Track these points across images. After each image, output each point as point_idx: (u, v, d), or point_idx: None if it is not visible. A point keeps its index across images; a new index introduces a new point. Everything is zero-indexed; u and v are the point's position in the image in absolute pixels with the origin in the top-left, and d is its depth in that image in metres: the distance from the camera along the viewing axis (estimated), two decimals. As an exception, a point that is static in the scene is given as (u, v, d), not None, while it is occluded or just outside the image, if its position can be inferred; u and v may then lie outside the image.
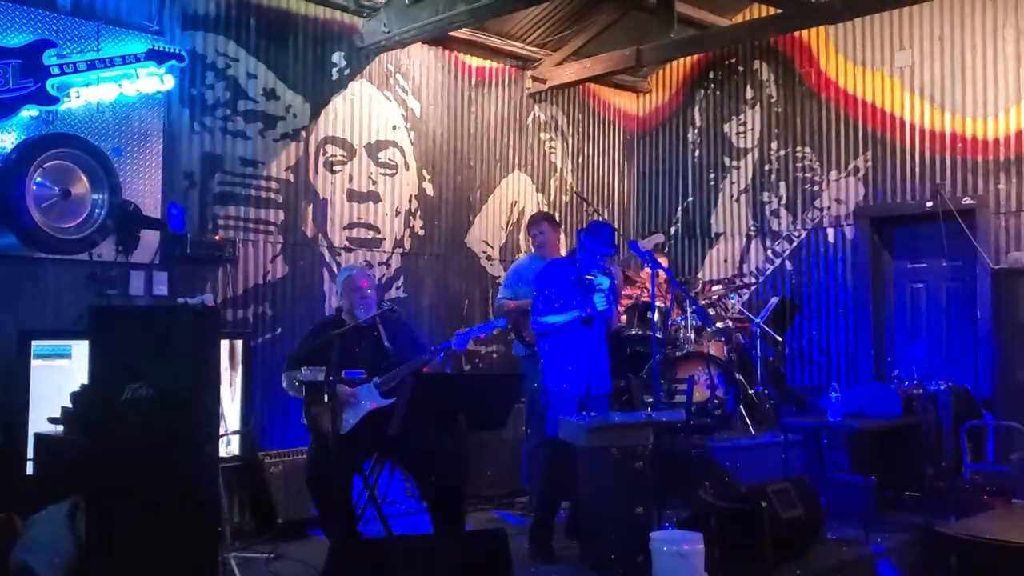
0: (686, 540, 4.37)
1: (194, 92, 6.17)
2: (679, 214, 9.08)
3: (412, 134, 7.46)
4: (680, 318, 7.01)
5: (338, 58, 6.98)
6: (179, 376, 4.08)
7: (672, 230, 9.10)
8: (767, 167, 8.49)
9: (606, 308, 5.36)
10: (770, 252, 8.45)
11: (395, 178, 7.34)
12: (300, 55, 6.76)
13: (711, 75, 8.92)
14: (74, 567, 4.23)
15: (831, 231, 8.10)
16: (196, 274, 6.10)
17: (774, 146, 8.46)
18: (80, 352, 4.98)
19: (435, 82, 7.66)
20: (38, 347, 5.15)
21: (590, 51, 8.20)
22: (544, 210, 8.15)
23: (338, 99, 6.99)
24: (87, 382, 4.50)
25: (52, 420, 4.72)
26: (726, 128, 8.80)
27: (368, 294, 5.26)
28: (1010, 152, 7.21)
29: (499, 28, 7.86)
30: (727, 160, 8.77)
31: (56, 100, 5.35)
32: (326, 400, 4.73)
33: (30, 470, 4.95)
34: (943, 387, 6.55)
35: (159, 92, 5.82)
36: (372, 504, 5.01)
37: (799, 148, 8.29)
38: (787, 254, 8.35)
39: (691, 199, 9.01)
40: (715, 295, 7.67)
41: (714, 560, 4.40)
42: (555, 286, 5.44)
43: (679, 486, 5.76)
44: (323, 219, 6.86)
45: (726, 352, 7.09)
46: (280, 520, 5.80)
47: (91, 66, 5.47)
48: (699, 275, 8.68)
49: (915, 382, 6.52)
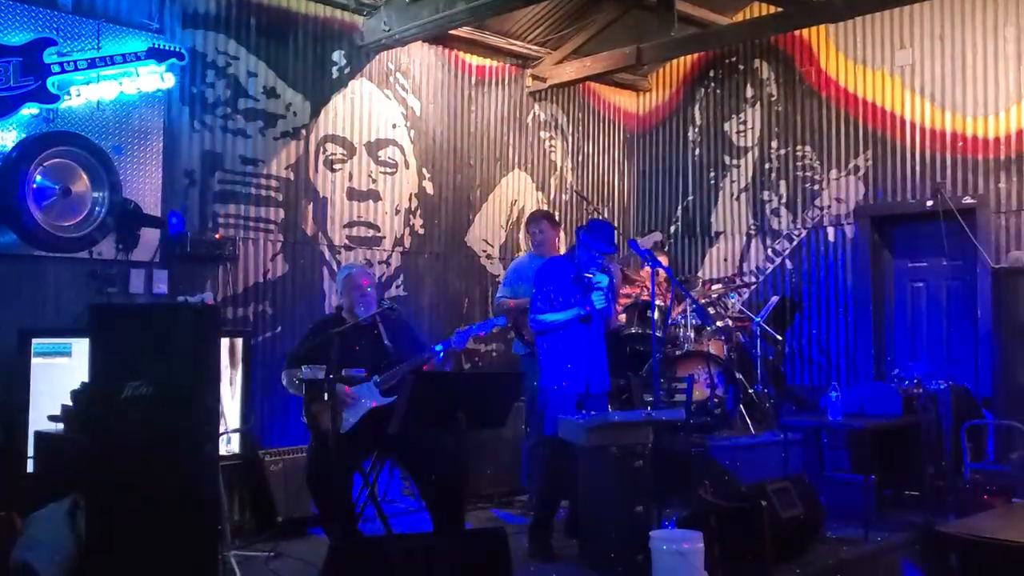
0: (686, 539, 4.37)
1: (194, 90, 6.17)
2: (679, 213, 9.07)
3: (412, 133, 7.46)
4: (680, 317, 7.01)
5: (338, 56, 6.98)
6: (179, 374, 4.08)
7: (672, 229, 9.09)
8: (767, 166, 8.49)
9: (605, 306, 5.36)
10: (770, 251, 8.45)
11: (395, 177, 7.34)
12: (300, 53, 6.76)
13: (711, 74, 8.92)
14: (74, 565, 4.23)
15: (831, 230, 8.09)
16: (196, 272, 6.11)
17: (774, 145, 8.45)
18: (80, 350, 4.98)
19: (435, 81, 7.66)
20: (38, 345, 5.15)
21: (590, 49, 8.20)
22: (544, 208, 8.15)
23: (338, 97, 6.99)
24: (87, 380, 4.49)
25: (52, 418, 4.72)
26: (726, 127, 8.79)
27: (368, 292, 5.26)
28: (1010, 151, 7.20)
29: (499, 26, 7.86)
30: (727, 159, 8.77)
31: (56, 98, 5.36)
32: (326, 398, 4.73)
33: (30, 468, 4.96)
34: (943, 386, 6.54)
35: (159, 90, 5.83)
36: (372, 502, 5.02)
37: (799, 147, 8.29)
38: (787, 253, 8.34)
39: (691, 198, 9.00)
40: (715, 294, 7.67)
41: (714, 559, 4.40)
42: (554, 284, 5.43)
43: (679, 485, 5.76)
44: (323, 217, 6.86)
45: (726, 351, 7.09)
46: (280, 518, 5.80)
47: (91, 64, 5.47)
48: (699, 274, 8.67)
49: (915, 381, 6.52)
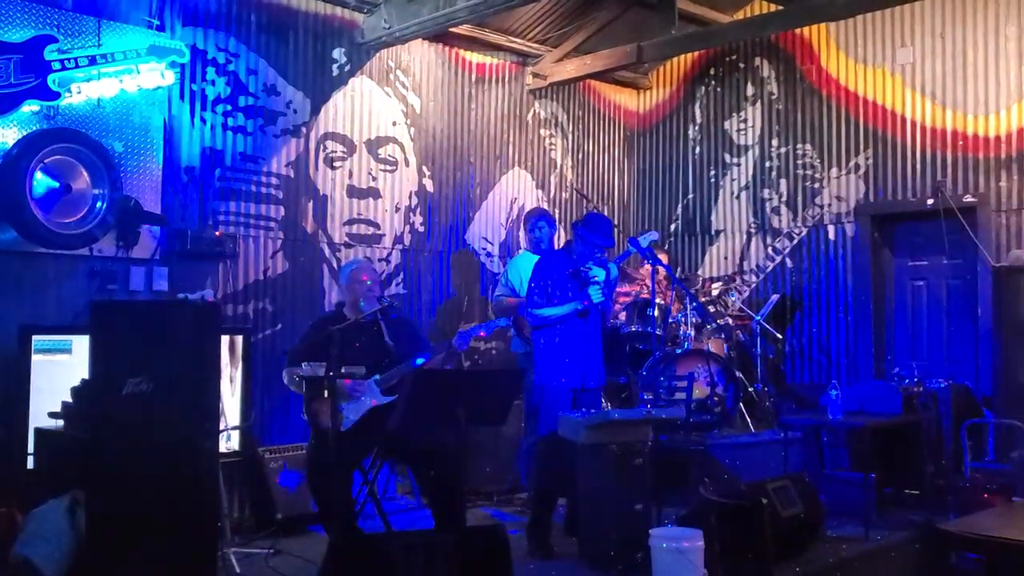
0: (686, 537, 4.36)
1: (195, 88, 6.17)
2: (679, 211, 9.07)
3: (412, 130, 7.45)
4: (680, 315, 7.01)
5: (339, 54, 6.98)
6: (180, 371, 4.08)
7: (672, 227, 9.09)
8: (768, 164, 8.48)
9: (602, 300, 5.35)
10: (770, 249, 8.44)
11: (395, 174, 7.34)
12: (301, 51, 6.75)
13: (712, 72, 8.91)
14: (74, 561, 4.23)
15: (832, 228, 8.09)
16: (196, 269, 6.11)
17: (775, 143, 8.45)
18: (81, 347, 4.98)
19: (435, 78, 7.65)
20: (39, 342, 5.15)
21: (591, 47, 8.19)
22: (543, 206, 8.15)
23: (338, 95, 6.98)
24: (88, 377, 4.49)
25: (52, 415, 4.72)
26: (727, 125, 8.79)
27: (371, 288, 5.26)
28: (1011, 150, 7.19)
29: (500, 24, 7.85)
30: (728, 157, 8.76)
31: (57, 95, 5.35)
32: (326, 395, 4.73)
33: (31, 464, 4.97)
34: (943, 385, 6.54)
35: (160, 87, 5.83)
36: (372, 500, 5.02)
37: (800, 145, 8.28)
38: (787, 251, 8.34)
39: (691, 196, 9.00)
40: (715, 292, 7.67)
41: (714, 557, 4.39)
42: (551, 278, 5.41)
43: (679, 483, 5.77)
44: (323, 215, 6.86)
45: (726, 349, 7.10)
46: (280, 515, 5.80)
47: (92, 61, 5.47)
48: (699, 272, 8.67)
49: (915, 380, 6.50)
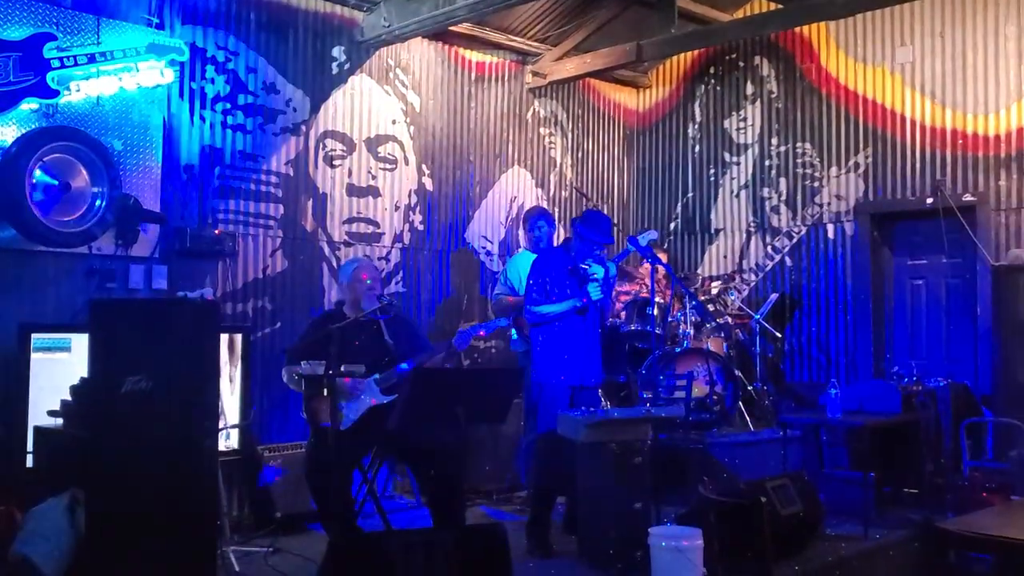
0: (685, 536, 4.36)
1: (194, 86, 6.17)
2: (679, 210, 9.07)
3: (412, 129, 7.45)
4: (679, 314, 7.01)
5: (338, 52, 6.98)
6: (179, 370, 4.07)
7: (672, 226, 9.09)
8: (767, 163, 8.48)
9: (601, 298, 5.35)
10: (770, 248, 8.44)
11: (395, 173, 7.34)
12: (300, 49, 6.75)
13: (711, 70, 8.91)
14: (73, 560, 4.23)
15: (831, 227, 8.09)
16: (196, 268, 6.10)
17: (774, 142, 8.44)
18: (80, 345, 4.98)
19: (435, 77, 7.65)
20: (38, 340, 5.15)
21: (590, 46, 8.19)
22: (542, 205, 8.15)
23: (338, 93, 6.98)
24: (87, 375, 4.49)
25: (52, 413, 4.72)
26: (726, 124, 8.78)
27: (371, 286, 5.26)
28: (1011, 149, 7.19)
29: (499, 23, 7.85)
30: (727, 156, 8.76)
31: (56, 93, 5.35)
32: (325, 394, 4.73)
33: (30, 463, 4.97)
34: (942, 384, 6.54)
35: (159, 86, 5.83)
36: (371, 498, 5.02)
37: (799, 144, 8.28)
38: (787, 250, 8.34)
39: (691, 195, 9.00)
40: (715, 291, 7.67)
41: (713, 556, 4.39)
42: (549, 275, 5.40)
43: (678, 482, 5.77)
44: (323, 213, 6.86)
45: (725, 348, 7.10)
46: (279, 514, 5.80)
47: (91, 59, 5.47)
48: (699, 271, 8.68)
49: (914, 379, 6.51)
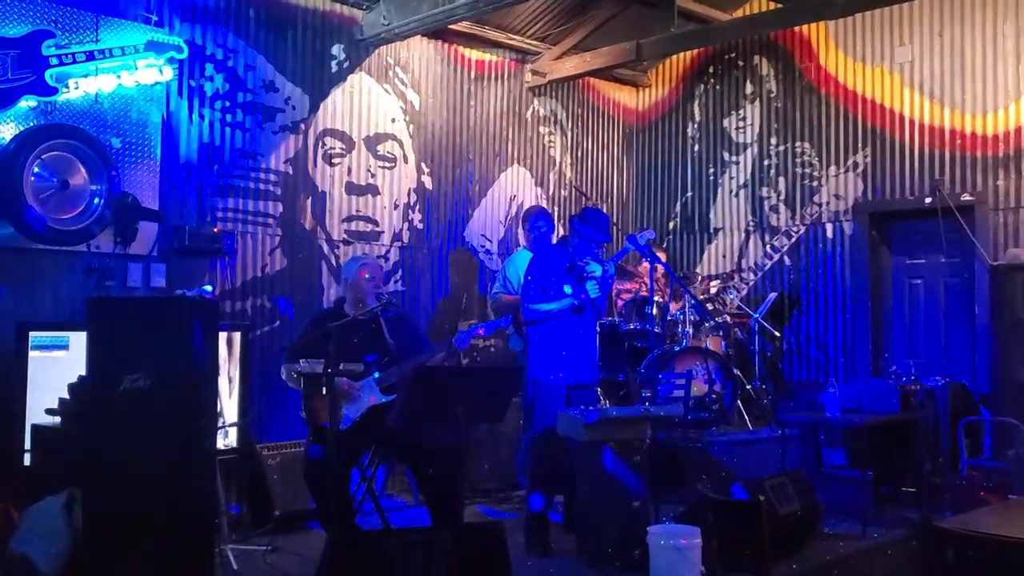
0: (683, 534, 4.36)
1: (193, 84, 6.16)
2: (678, 209, 9.07)
3: (411, 127, 7.45)
4: (678, 313, 7.01)
5: (337, 50, 6.97)
6: (177, 368, 4.07)
7: (671, 225, 9.09)
8: (766, 162, 8.48)
9: (599, 296, 5.34)
10: (769, 247, 8.44)
11: (394, 171, 7.33)
12: (299, 47, 6.75)
13: (711, 70, 8.91)
14: (71, 558, 4.23)
15: (830, 227, 8.09)
16: (194, 266, 6.10)
17: (773, 141, 8.45)
18: (78, 343, 4.98)
19: (434, 75, 7.64)
20: (36, 338, 5.15)
21: (590, 45, 8.19)
22: (541, 204, 8.15)
23: (337, 92, 6.98)
24: (85, 373, 4.49)
25: (50, 411, 4.71)
26: (725, 123, 8.79)
27: (376, 284, 5.25)
28: (1009, 148, 7.20)
29: (499, 21, 7.85)
30: (726, 155, 8.76)
31: (54, 91, 5.35)
32: (324, 392, 4.72)
33: (27, 461, 4.96)
34: (941, 383, 6.54)
35: (158, 83, 5.83)
36: (370, 497, 5.01)
37: (798, 143, 8.29)
38: (786, 249, 8.34)
39: (690, 194, 9.00)
40: (713, 290, 7.66)
41: (711, 554, 4.39)
42: (547, 273, 5.39)
43: (677, 481, 5.77)
44: (322, 212, 6.86)
45: (724, 347, 7.10)
46: (277, 512, 5.80)
47: (90, 57, 5.46)
48: (697, 270, 8.67)
49: (913, 378, 6.50)
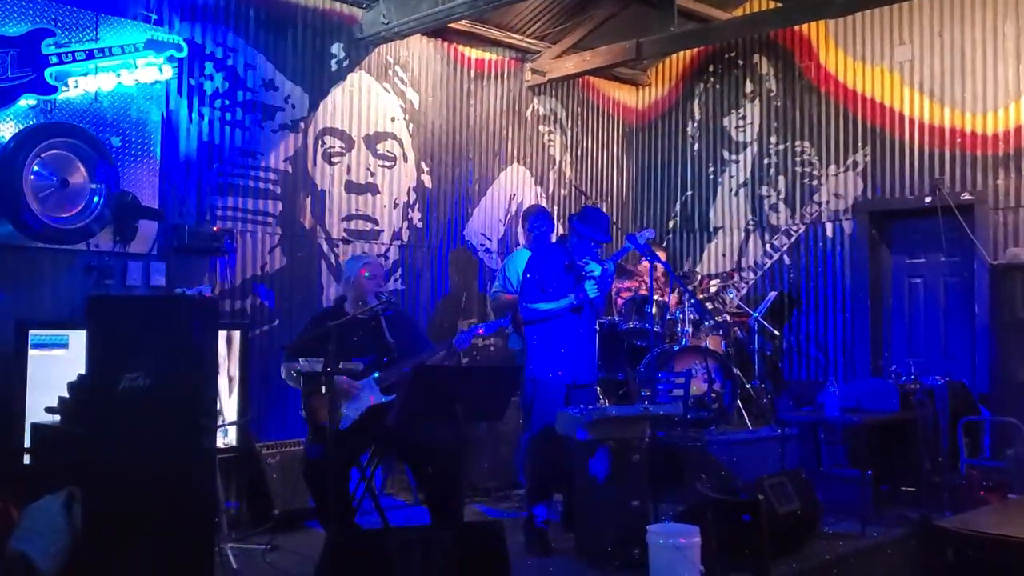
0: (683, 533, 4.37)
1: (192, 82, 6.16)
2: (678, 208, 9.07)
3: (411, 126, 7.45)
4: (678, 312, 7.01)
5: (337, 49, 6.97)
6: (177, 367, 4.07)
7: (671, 224, 9.09)
8: (766, 161, 8.48)
9: (598, 295, 5.34)
10: (768, 246, 8.44)
11: (393, 170, 7.33)
12: (299, 46, 6.74)
13: (711, 69, 8.91)
14: (70, 556, 4.23)
15: (830, 226, 8.09)
16: (194, 265, 6.10)
17: (773, 140, 8.44)
18: (77, 342, 4.98)
19: (434, 74, 7.64)
20: (35, 337, 5.14)
21: (590, 44, 8.18)
22: (541, 203, 8.15)
23: (337, 90, 6.98)
24: (84, 372, 4.49)
25: (49, 410, 4.71)
26: (725, 122, 8.78)
27: (378, 283, 5.25)
28: (1009, 147, 7.20)
29: (499, 20, 7.85)
30: (726, 154, 8.76)
31: (54, 89, 5.34)
32: (324, 391, 4.72)
33: (27, 460, 4.96)
34: (940, 382, 6.54)
35: (158, 82, 5.82)
36: (369, 496, 5.01)
37: (798, 142, 8.28)
38: (785, 248, 8.34)
39: (690, 193, 9.00)
40: (713, 289, 7.66)
41: (711, 554, 4.39)
42: (546, 272, 5.39)
43: (676, 480, 5.78)
44: (321, 211, 6.85)
45: (724, 346, 7.10)
46: (277, 511, 5.80)
47: (89, 55, 5.46)
48: (697, 269, 8.67)
49: (912, 377, 6.51)
